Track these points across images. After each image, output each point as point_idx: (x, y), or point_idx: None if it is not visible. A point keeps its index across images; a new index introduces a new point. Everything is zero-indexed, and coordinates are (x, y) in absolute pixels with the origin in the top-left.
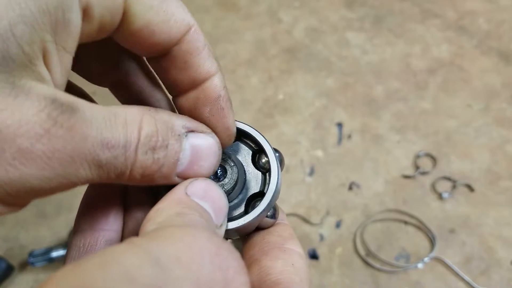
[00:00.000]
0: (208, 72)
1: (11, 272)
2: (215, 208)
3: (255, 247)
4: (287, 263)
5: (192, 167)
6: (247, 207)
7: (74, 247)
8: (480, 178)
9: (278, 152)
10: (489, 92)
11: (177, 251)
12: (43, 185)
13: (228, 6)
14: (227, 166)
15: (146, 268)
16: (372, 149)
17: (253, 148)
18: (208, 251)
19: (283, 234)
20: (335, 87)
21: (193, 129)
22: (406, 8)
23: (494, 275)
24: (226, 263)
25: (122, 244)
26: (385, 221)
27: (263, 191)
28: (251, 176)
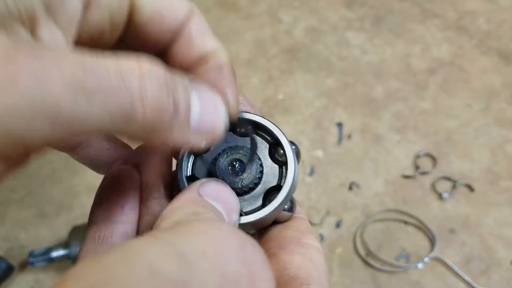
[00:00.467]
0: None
1: (11, 272)
2: (227, 209)
3: (272, 241)
4: (305, 258)
5: (204, 118)
6: (264, 201)
7: (89, 239)
8: (480, 178)
9: (295, 145)
10: (489, 92)
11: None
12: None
13: (228, 6)
14: (245, 160)
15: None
16: (372, 149)
17: (269, 141)
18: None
19: (300, 228)
20: (335, 87)
21: (193, 79)
22: (406, 8)
23: (494, 275)
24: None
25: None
26: (385, 221)
27: (280, 184)
28: (268, 170)
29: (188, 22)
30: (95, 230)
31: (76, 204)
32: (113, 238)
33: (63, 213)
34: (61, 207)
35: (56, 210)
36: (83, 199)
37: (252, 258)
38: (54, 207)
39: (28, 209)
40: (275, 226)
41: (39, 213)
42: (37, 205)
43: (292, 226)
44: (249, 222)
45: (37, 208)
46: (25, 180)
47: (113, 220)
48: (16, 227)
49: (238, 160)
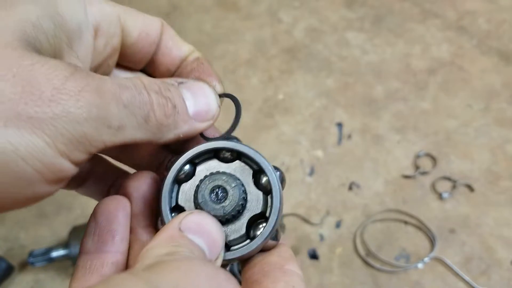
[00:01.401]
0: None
1: (11, 272)
2: (209, 242)
3: (255, 266)
4: (288, 286)
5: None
6: (248, 229)
7: (80, 269)
8: (480, 178)
9: (279, 171)
10: (489, 92)
11: (175, 279)
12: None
13: (228, 6)
14: (228, 187)
15: None
16: (372, 149)
17: (253, 168)
18: (205, 277)
19: (283, 254)
20: (335, 87)
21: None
22: (406, 8)
23: (494, 275)
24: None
25: (123, 274)
26: (385, 221)
27: (265, 213)
28: (252, 196)
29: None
30: (86, 260)
31: (76, 204)
32: (104, 269)
33: (63, 213)
34: (61, 207)
35: (56, 210)
36: (83, 199)
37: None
38: (54, 207)
39: (28, 209)
40: (258, 253)
41: (39, 213)
42: (37, 205)
43: (275, 252)
44: (236, 257)
45: (37, 208)
46: None
47: (104, 250)
48: (16, 227)
49: (220, 186)
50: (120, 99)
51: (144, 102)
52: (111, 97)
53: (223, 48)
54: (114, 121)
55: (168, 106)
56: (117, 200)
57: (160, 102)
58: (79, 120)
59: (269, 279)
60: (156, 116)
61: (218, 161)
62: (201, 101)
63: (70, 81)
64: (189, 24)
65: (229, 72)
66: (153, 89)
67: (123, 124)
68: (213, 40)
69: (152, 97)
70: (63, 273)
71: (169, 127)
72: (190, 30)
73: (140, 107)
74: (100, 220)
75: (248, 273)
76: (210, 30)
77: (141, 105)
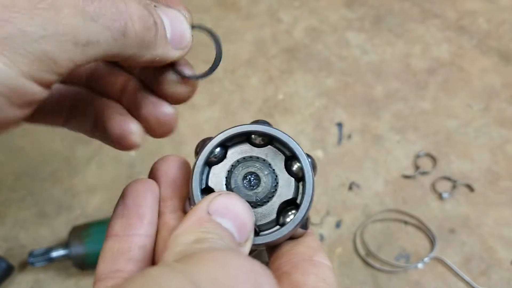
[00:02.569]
0: None
1: (11, 272)
2: (237, 225)
3: (283, 257)
4: (319, 279)
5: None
6: (278, 214)
7: (107, 252)
8: (480, 178)
9: (311, 158)
10: (489, 92)
11: (214, 273)
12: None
13: (228, 6)
14: (261, 174)
15: None
16: (372, 149)
17: (285, 153)
18: (241, 269)
19: (311, 244)
20: (335, 87)
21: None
22: (406, 8)
23: (494, 275)
24: (261, 280)
25: (159, 267)
26: (385, 221)
27: (295, 199)
28: (283, 182)
29: None
30: (113, 242)
31: (76, 204)
32: (131, 252)
33: (63, 213)
34: (61, 207)
35: (56, 210)
36: (83, 199)
37: (262, 281)
38: (54, 207)
39: (28, 209)
40: (286, 242)
41: (39, 213)
42: (37, 205)
43: (303, 242)
44: (265, 243)
45: (37, 208)
46: (25, 180)
47: (132, 233)
48: (16, 227)
49: (253, 173)
50: (85, 12)
51: (120, 13)
52: (72, 11)
53: (223, 48)
54: (80, 37)
55: (150, 21)
56: (145, 183)
57: (141, 13)
58: (35, 38)
59: (298, 270)
60: (136, 29)
61: (250, 145)
62: (177, 27)
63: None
64: None
65: (229, 72)
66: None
67: (93, 39)
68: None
69: (132, 7)
70: (63, 273)
71: (149, 44)
72: None
73: (115, 18)
74: (128, 202)
75: (276, 264)
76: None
77: (116, 16)
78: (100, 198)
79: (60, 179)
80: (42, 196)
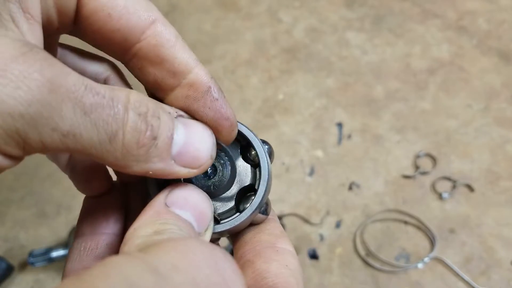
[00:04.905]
0: (187, 63)
1: (11, 272)
2: (196, 215)
3: (246, 246)
4: (282, 265)
5: (188, 150)
6: (237, 202)
7: (75, 251)
8: (480, 178)
9: (268, 144)
10: (489, 92)
11: (173, 259)
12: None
13: (228, 6)
14: (216, 163)
15: (148, 276)
16: (372, 149)
17: (240, 142)
18: (202, 255)
19: (274, 231)
20: (335, 87)
21: (182, 115)
22: (406, 8)
23: (494, 275)
24: (223, 265)
25: (120, 255)
26: (385, 221)
27: (254, 185)
28: (240, 169)
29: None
30: (80, 242)
31: (76, 204)
32: (98, 250)
33: (63, 213)
34: (61, 207)
35: (56, 210)
36: (83, 199)
37: (224, 266)
38: (54, 207)
39: (28, 209)
40: (249, 229)
41: (39, 213)
42: (37, 205)
43: (266, 229)
44: (226, 230)
45: (37, 208)
46: (25, 180)
47: (98, 231)
48: (16, 227)
49: None
50: (80, 102)
51: (115, 118)
52: (67, 95)
53: (223, 48)
54: (62, 125)
55: (146, 135)
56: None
57: (137, 126)
58: (12, 113)
59: (261, 258)
60: (124, 140)
61: None
62: (193, 145)
63: (17, 62)
64: (189, 24)
65: (229, 72)
66: (137, 109)
67: (76, 132)
68: (213, 40)
69: (129, 116)
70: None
71: (137, 159)
72: (190, 30)
73: (107, 121)
74: (95, 203)
75: (240, 253)
76: (210, 30)
77: (110, 119)
78: None
79: (60, 179)
80: (42, 196)
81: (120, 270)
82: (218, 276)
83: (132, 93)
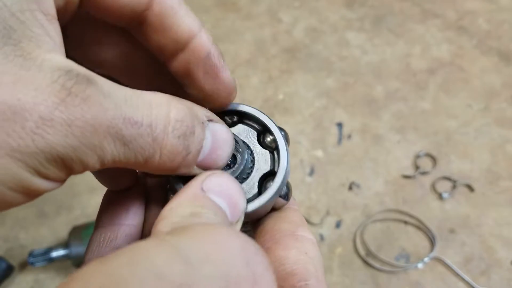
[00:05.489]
0: (190, 30)
1: (11, 272)
2: (230, 205)
3: (266, 234)
4: (301, 252)
5: (211, 156)
6: (259, 188)
7: (94, 242)
8: (480, 178)
9: (283, 130)
10: (489, 92)
11: (206, 248)
12: (71, 154)
13: (228, 6)
14: (235, 152)
15: (176, 265)
16: (372, 149)
17: (257, 129)
18: (235, 247)
19: (294, 219)
20: (335, 87)
21: (211, 118)
22: (406, 8)
23: (494, 275)
24: (254, 259)
25: (150, 240)
26: (385, 221)
27: (274, 170)
28: (259, 156)
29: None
30: (100, 233)
31: (76, 204)
32: (117, 240)
33: (63, 213)
34: (61, 207)
35: (56, 210)
36: (83, 199)
37: (255, 260)
38: (54, 207)
39: (28, 209)
40: (269, 217)
41: (39, 213)
42: (37, 205)
43: (286, 218)
44: (248, 212)
45: (37, 208)
46: None
47: (117, 222)
48: (16, 227)
49: None
50: (119, 135)
51: (154, 144)
52: (107, 131)
53: (223, 48)
54: (104, 157)
55: (182, 154)
56: None
57: (175, 149)
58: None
59: (280, 246)
60: (160, 160)
61: None
62: (216, 152)
63: (60, 110)
64: None
65: None
66: (176, 130)
67: (116, 161)
68: (213, 40)
69: (168, 140)
70: (63, 273)
71: (166, 171)
72: None
73: (144, 148)
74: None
75: (260, 242)
76: (210, 30)
77: (147, 146)
78: (100, 198)
79: None
80: (42, 196)
81: (149, 256)
82: (249, 271)
83: (172, 109)
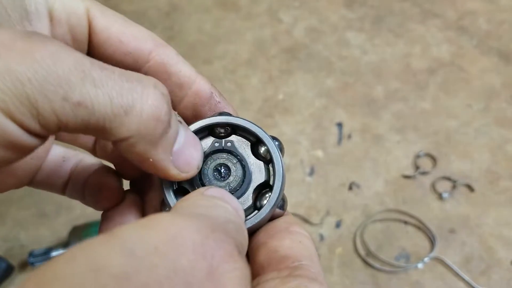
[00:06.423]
0: (190, 75)
1: (11, 272)
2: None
3: (260, 233)
4: (295, 241)
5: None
6: (255, 199)
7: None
8: (480, 178)
9: (277, 140)
10: (489, 92)
11: (157, 241)
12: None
13: (228, 6)
14: (230, 164)
15: (117, 257)
16: (372, 149)
17: (250, 139)
18: (192, 241)
19: (287, 220)
20: (335, 87)
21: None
22: (406, 8)
23: (494, 275)
24: (211, 252)
25: (100, 236)
26: (385, 221)
27: (268, 181)
28: (253, 167)
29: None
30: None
31: (76, 204)
32: None
33: (63, 213)
34: (61, 207)
35: (56, 210)
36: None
37: (213, 253)
38: (54, 207)
39: (28, 209)
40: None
41: (39, 213)
42: (37, 205)
43: (281, 219)
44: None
45: (37, 208)
46: None
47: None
48: (16, 227)
49: (222, 164)
50: (89, 74)
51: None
52: (74, 66)
53: (223, 48)
54: (72, 94)
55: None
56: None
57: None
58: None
59: (275, 238)
60: (144, 112)
61: (214, 138)
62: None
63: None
64: (189, 24)
65: (229, 72)
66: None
67: (88, 103)
68: (213, 40)
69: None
70: None
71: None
72: (190, 30)
73: (122, 93)
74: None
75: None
76: (210, 30)
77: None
78: None
79: None
80: (42, 196)
81: (86, 252)
82: (204, 263)
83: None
